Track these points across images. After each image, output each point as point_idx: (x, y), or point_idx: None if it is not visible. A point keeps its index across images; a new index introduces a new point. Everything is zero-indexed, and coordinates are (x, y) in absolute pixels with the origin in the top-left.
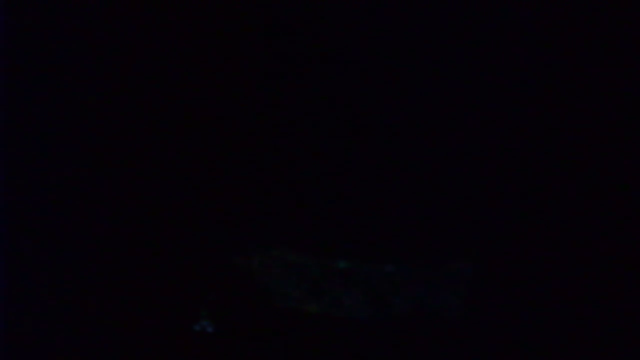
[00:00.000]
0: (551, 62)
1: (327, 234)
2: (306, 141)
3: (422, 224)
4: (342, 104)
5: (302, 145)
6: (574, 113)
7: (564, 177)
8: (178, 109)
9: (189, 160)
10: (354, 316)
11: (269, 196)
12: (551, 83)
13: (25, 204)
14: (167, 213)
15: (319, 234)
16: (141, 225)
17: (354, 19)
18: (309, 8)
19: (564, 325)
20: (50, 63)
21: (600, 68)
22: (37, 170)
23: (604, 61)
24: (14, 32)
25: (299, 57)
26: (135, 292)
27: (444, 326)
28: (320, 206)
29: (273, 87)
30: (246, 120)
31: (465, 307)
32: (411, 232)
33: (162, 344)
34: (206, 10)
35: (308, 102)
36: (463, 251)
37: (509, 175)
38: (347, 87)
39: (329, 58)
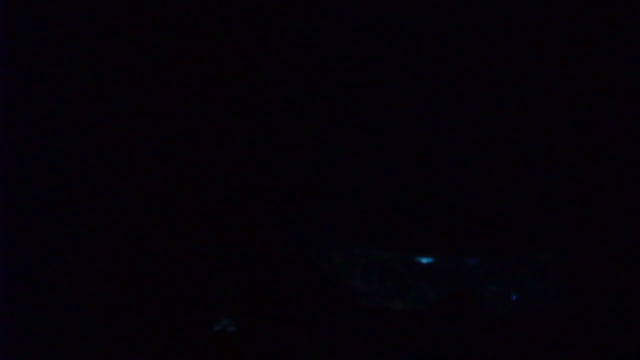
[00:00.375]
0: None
1: (408, 229)
2: (387, 132)
3: (506, 214)
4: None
5: (379, 138)
6: None
7: None
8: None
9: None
10: (438, 312)
11: (347, 193)
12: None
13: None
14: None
15: (400, 229)
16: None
17: None
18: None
19: None
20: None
21: None
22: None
23: None
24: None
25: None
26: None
27: (532, 319)
28: (401, 201)
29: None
30: (316, 111)
31: (554, 299)
32: (495, 223)
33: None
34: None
35: (379, 96)
36: (550, 241)
37: (597, 160)
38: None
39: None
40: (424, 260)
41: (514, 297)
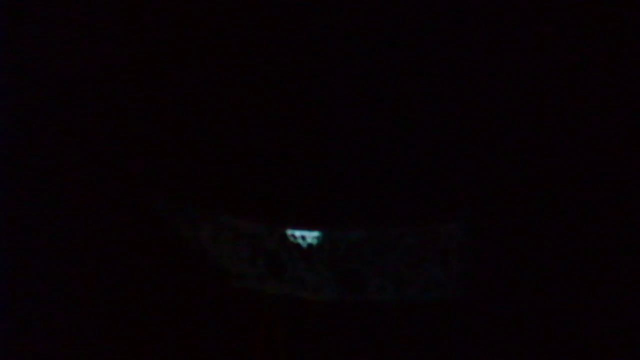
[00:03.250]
0: None
1: (282, 198)
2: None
3: (398, 178)
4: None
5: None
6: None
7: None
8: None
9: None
10: (320, 297)
11: (214, 155)
12: None
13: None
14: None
15: (273, 198)
16: None
17: None
18: None
19: (565, 293)
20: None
21: None
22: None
23: None
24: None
25: None
26: None
27: (431, 305)
28: (275, 164)
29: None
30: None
31: (454, 288)
32: (384, 189)
33: None
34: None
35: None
36: (450, 211)
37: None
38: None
39: None
40: (301, 235)
41: (407, 284)
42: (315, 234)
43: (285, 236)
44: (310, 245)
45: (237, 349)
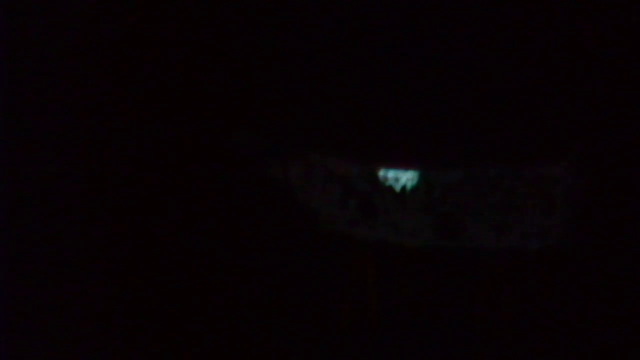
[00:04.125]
0: None
1: (376, 136)
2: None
3: (498, 116)
4: None
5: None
6: None
7: None
8: None
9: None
10: (414, 243)
11: (305, 92)
12: None
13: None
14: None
15: (366, 136)
16: None
17: None
18: None
19: None
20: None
21: None
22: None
23: None
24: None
25: None
26: None
27: (533, 253)
28: (369, 101)
29: None
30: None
31: (558, 235)
32: (484, 128)
33: None
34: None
35: None
36: (553, 152)
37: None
38: None
39: None
40: (395, 176)
41: (508, 230)
42: (410, 174)
43: (378, 177)
44: (404, 187)
45: (327, 294)
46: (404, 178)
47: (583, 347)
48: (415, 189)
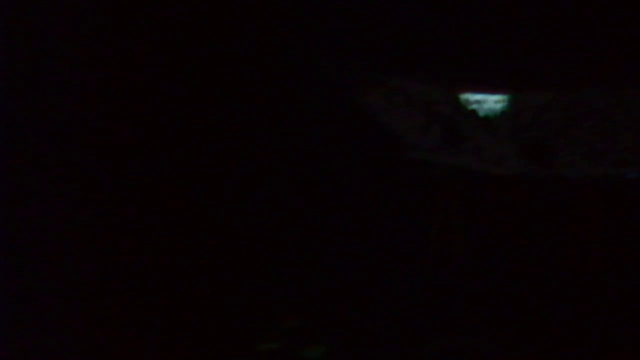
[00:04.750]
0: None
1: (460, 57)
2: None
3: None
4: None
5: None
6: None
7: None
8: None
9: None
10: (501, 171)
11: (383, 10)
12: None
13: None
14: None
15: (449, 57)
16: None
17: None
18: None
19: None
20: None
21: None
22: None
23: None
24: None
25: None
26: None
27: (628, 183)
28: (453, 18)
29: None
30: None
31: None
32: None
33: None
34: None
35: None
36: None
37: None
38: None
39: None
40: (480, 99)
41: (602, 157)
42: (497, 97)
43: (461, 101)
44: (490, 111)
45: (410, 223)
46: (489, 101)
47: None
48: (502, 112)
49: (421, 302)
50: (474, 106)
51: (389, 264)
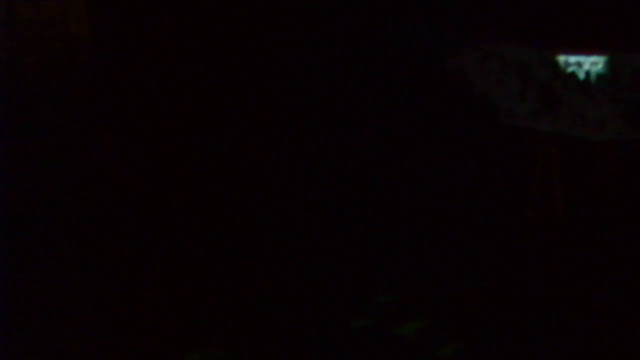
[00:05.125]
0: None
1: (557, 21)
2: None
3: None
4: None
5: None
6: None
7: None
8: None
9: None
10: (602, 136)
11: None
12: None
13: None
14: None
15: (546, 20)
16: None
17: None
18: None
19: None
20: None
21: None
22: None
23: None
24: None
25: None
26: None
27: None
28: None
29: None
30: None
31: None
32: None
33: None
34: None
35: None
36: None
37: None
38: None
39: None
40: (577, 61)
41: None
42: (594, 59)
43: (558, 63)
44: (588, 74)
45: (510, 192)
46: (587, 63)
47: None
48: (600, 75)
49: (514, 275)
50: (572, 69)
51: (484, 237)
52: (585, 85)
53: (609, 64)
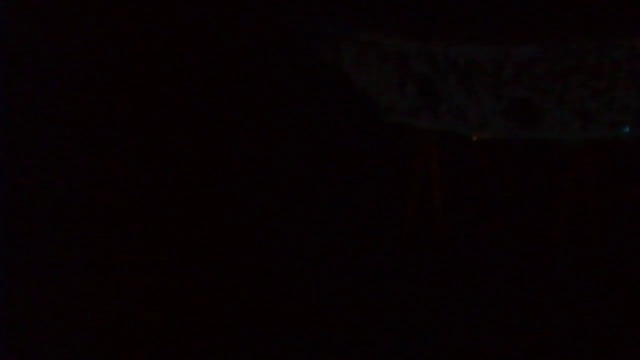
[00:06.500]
0: None
1: (433, 7)
2: None
3: None
4: None
5: None
6: None
7: None
8: None
9: None
10: (484, 134)
11: None
12: None
13: None
14: None
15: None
16: None
17: None
18: None
19: None
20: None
21: None
22: None
23: None
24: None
25: None
26: None
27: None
28: None
29: None
30: None
31: None
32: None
33: None
34: None
35: None
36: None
37: None
38: None
39: None
40: (457, 52)
41: (595, 117)
42: (475, 50)
43: (437, 54)
44: (468, 65)
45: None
46: (467, 54)
47: None
48: (481, 68)
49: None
50: (451, 59)
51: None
52: (466, 79)
53: (490, 56)
